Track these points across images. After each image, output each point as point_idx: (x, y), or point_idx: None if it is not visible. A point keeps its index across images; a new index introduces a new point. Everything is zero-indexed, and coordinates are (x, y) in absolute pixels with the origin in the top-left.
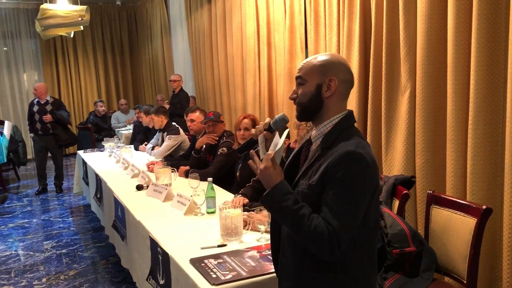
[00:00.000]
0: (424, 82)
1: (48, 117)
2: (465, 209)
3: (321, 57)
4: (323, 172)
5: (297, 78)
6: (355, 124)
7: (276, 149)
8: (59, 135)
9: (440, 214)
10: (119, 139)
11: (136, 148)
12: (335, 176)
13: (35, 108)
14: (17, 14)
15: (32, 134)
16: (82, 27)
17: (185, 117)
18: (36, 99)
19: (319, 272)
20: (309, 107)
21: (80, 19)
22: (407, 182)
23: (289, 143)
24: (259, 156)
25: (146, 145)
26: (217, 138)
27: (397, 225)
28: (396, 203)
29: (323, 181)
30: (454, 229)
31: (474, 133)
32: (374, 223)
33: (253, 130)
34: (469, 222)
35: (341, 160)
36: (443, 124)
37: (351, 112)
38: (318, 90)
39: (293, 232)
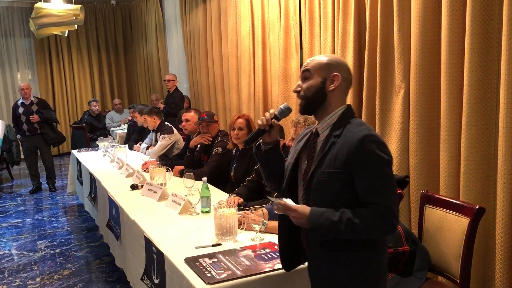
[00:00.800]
0: (418, 83)
1: (35, 117)
2: (458, 209)
3: (327, 56)
4: (346, 158)
5: (304, 71)
6: None
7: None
8: (47, 134)
9: (433, 213)
10: (114, 139)
11: (131, 148)
12: (360, 159)
13: (20, 110)
14: (11, 13)
15: (19, 136)
16: (76, 26)
17: (177, 121)
18: (20, 101)
19: (351, 252)
20: (313, 99)
21: (74, 18)
22: (401, 182)
23: (284, 142)
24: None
25: (140, 144)
26: (211, 138)
27: None
28: None
29: (347, 167)
30: (448, 228)
31: (468, 134)
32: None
33: (259, 121)
34: (462, 222)
35: (361, 144)
36: (436, 124)
37: (350, 105)
38: (323, 84)
39: (352, 236)
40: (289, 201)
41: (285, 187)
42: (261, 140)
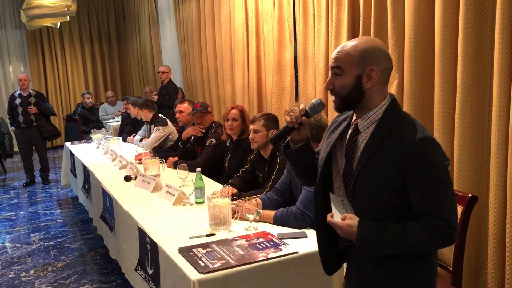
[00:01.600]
0: (412, 72)
1: (33, 109)
2: None
3: (359, 45)
4: (399, 164)
5: (333, 68)
6: None
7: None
8: (44, 127)
9: None
10: (107, 131)
11: (124, 140)
12: (417, 167)
13: (17, 101)
14: (1, 4)
15: (13, 128)
16: (68, 18)
17: (174, 110)
18: (18, 92)
19: (406, 262)
20: (349, 99)
21: (66, 9)
22: None
23: None
24: None
25: (134, 136)
26: (204, 130)
27: None
28: None
29: (399, 174)
30: None
31: (461, 123)
32: None
33: (287, 117)
34: None
35: (417, 148)
36: (430, 114)
37: (394, 97)
38: (358, 81)
39: (407, 253)
40: (335, 215)
41: (319, 182)
42: (289, 138)
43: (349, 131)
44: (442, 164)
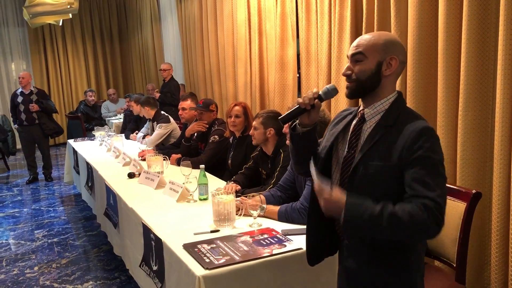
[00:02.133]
0: (415, 69)
1: (35, 107)
2: (455, 194)
3: (382, 35)
4: (401, 151)
5: (354, 54)
6: None
7: (316, 177)
8: (46, 124)
9: None
10: (110, 128)
11: (127, 137)
12: (417, 153)
13: (19, 99)
14: (4, 2)
15: (16, 126)
16: (70, 15)
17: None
18: (20, 90)
19: (392, 252)
20: (367, 84)
21: (68, 6)
22: None
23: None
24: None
25: (137, 134)
26: (207, 125)
27: None
28: None
29: (400, 161)
30: None
31: (464, 119)
32: None
33: (299, 99)
34: (459, 207)
35: (420, 136)
36: (433, 110)
37: (401, 92)
38: (378, 67)
39: (392, 235)
40: (323, 182)
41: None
42: (298, 121)
43: (354, 121)
44: (440, 158)
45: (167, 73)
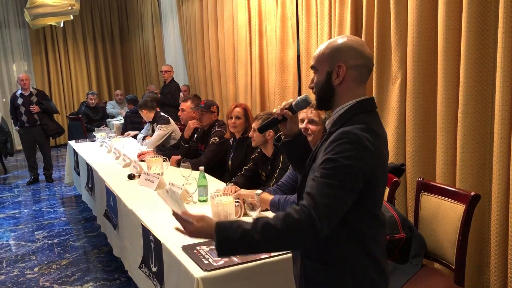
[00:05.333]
0: (415, 71)
1: (35, 108)
2: (454, 196)
3: (331, 43)
4: (322, 155)
5: (311, 67)
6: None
7: (175, 204)
8: (48, 125)
9: (429, 201)
10: (111, 129)
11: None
12: (325, 156)
13: (20, 101)
14: (5, 3)
15: (17, 128)
16: (72, 17)
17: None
18: (19, 92)
19: (318, 263)
20: (322, 96)
21: (69, 8)
22: (397, 170)
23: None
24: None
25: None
26: (201, 123)
27: (387, 212)
28: (386, 190)
29: (317, 165)
30: (443, 215)
31: (464, 121)
32: (375, 217)
33: (275, 109)
34: (458, 209)
35: (335, 139)
36: (433, 113)
37: (368, 98)
38: (328, 78)
39: (271, 247)
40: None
41: (300, 184)
42: (281, 132)
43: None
44: (349, 163)
45: (167, 74)
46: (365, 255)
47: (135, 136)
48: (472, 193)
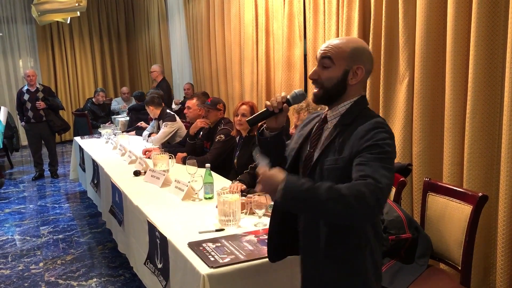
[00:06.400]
0: (423, 71)
1: (41, 104)
2: (461, 197)
3: (350, 43)
4: (352, 144)
5: (323, 58)
6: None
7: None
8: (53, 121)
9: (436, 201)
10: (116, 126)
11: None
12: (366, 143)
13: (26, 97)
14: None
15: (23, 123)
16: (78, 13)
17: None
18: (26, 87)
19: (347, 249)
20: (333, 91)
21: (77, 4)
22: (404, 169)
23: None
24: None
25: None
26: (209, 122)
27: (394, 212)
28: (393, 190)
29: (351, 153)
30: (450, 216)
31: (472, 122)
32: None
33: (268, 102)
34: (465, 209)
35: (372, 128)
36: (441, 112)
37: (364, 95)
38: (344, 76)
39: (332, 209)
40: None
41: (287, 169)
42: (265, 126)
43: (318, 123)
44: (390, 149)
45: (155, 74)
46: (378, 235)
47: (136, 130)
48: (480, 194)
